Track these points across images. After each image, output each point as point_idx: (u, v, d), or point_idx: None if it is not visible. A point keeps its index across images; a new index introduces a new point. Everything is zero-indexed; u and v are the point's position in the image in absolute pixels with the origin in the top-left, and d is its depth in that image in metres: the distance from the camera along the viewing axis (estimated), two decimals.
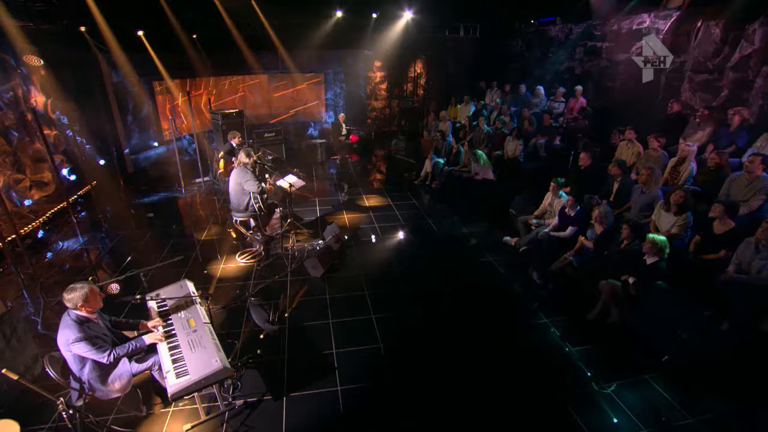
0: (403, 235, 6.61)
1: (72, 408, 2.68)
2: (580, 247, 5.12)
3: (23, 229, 6.02)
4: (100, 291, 2.97)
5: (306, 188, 8.38)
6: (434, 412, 3.41)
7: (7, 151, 6.20)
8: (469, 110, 9.94)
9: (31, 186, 6.56)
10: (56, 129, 7.30)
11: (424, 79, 13.39)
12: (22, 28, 6.58)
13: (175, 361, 2.99)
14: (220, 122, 7.94)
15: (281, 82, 11.67)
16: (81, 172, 7.80)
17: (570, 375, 3.82)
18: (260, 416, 3.34)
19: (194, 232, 6.52)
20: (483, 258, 5.89)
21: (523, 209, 6.34)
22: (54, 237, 6.26)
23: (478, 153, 7.59)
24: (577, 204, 5.21)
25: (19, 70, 6.81)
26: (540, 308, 4.72)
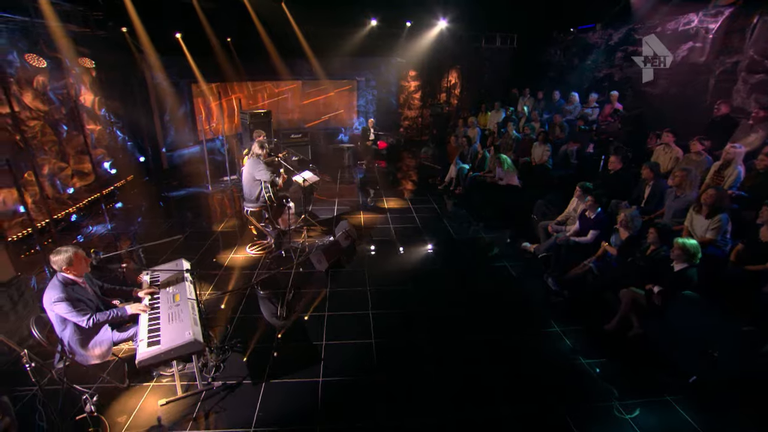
0: (417, 237, 6.40)
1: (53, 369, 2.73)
2: (603, 254, 4.67)
3: (58, 214, 6.46)
4: (86, 256, 3.04)
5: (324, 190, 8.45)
6: (415, 414, 3.15)
7: (54, 141, 6.74)
8: (499, 117, 9.65)
9: (73, 175, 7.07)
10: (101, 125, 7.87)
11: (459, 89, 13.28)
12: (79, 34, 7.25)
13: (150, 331, 2.99)
14: (248, 122, 8.23)
15: (314, 88, 11.97)
16: (121, 166, 8.34)
17: (578, 388, 3.42)
18: (235, 399, 3.25)
19: (212, 224, 6.69)
20: (497, 263, 5.55)
21: (545, 215, 5.95)
22: (86, 222, 6.66)
23: (502, 157, 7.29)
24: (597, 205, 4.79)
25: (73, 70, 7.46)
26: (553, 315, 4.33)
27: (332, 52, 10.89)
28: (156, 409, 3.14)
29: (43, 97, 6.57)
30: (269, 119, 8.74)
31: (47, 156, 6.56)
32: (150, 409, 3.14)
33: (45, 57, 6.63)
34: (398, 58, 12.18)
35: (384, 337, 4.00)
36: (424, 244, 6.13)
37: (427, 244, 6.13)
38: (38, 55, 6.54)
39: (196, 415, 3.09)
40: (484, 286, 5.03)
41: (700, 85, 6.98)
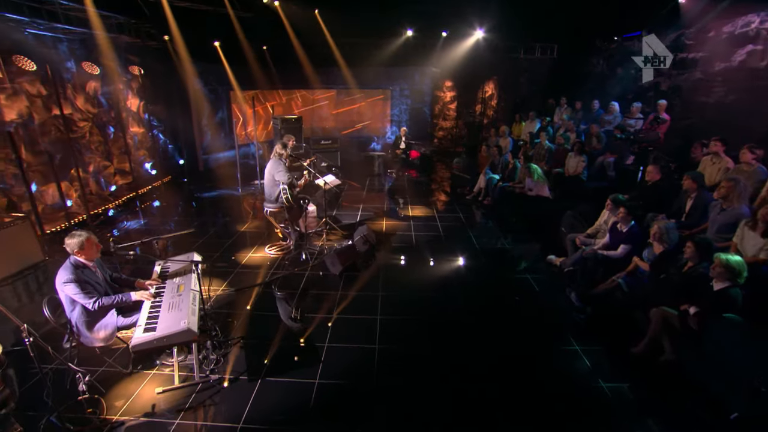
0: (437, 246, 6.21)
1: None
2: (634, 269, 4.28)
3: (98, 209, 6.90)
4: (97, 242, 3.17)
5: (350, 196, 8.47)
6: (410, 427, 2.97)
7: (100, 142, 7.26)
8: (534, 127, 9.30)
9: (115, 173, 7.56)
10: (144, 128, 8.40)
11: (495, 100, 13.01)
12: (131, 44, 7.84)
13: (150, 318, 3.04)
14: (279, 126, 8.47)
15: (349, 97, 12.17)
16: (161, 167, 8.82)
17: (594, 414, 3.09)
18: (229, 394, 3.22)
19: (237, 224, 6.87)
20: (519, 275, 5.24)
21: (574, 227, 5.58)
22: (121, 217, 7.05)
23: (532, 167, 6.97)
24: (630, 218, 4.40)
25: (124, 78, 8.05)
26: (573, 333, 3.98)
27: (366, 62, 11.04)
28: (153, 396, 3.17)
29: (93, 101, 7.11)
30: (300, 125, 8.95)
31: (93, 155, 7.06)
32: (147, 396, 3.18)
33: (99, 64, 7.20)
34: (433, 68, 12.15)
35: (388, 344, 3.85)
36: (443, 253, 5.93)
37: (447, 253, 5.92)
38: (93, 62, 7.11)
39: (189, 406, 3.09)
40: (502, 299, 4.75)
41: (760, 92, 6.35)
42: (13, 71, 5.84)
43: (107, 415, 2.99)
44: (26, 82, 6.01)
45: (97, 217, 6.74)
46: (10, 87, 5.83)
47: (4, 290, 3.63)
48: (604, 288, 4.37)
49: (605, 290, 4.35)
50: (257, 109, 10.96)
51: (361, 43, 10.71)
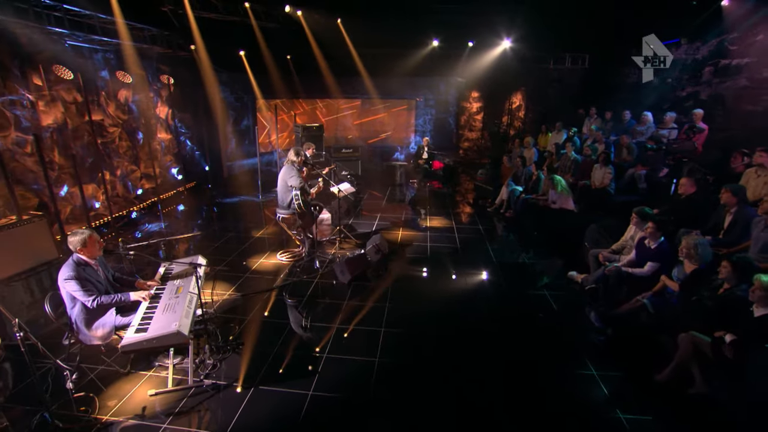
0: (452, 258, 5.99)
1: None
2: (661, 289, 3.92)
3: (122, 211, 7.15)
4: (99, 240, 3.21)
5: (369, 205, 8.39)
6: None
7: (129, 147, 7.56)
8: (560, 138, 8.93)
9: (142, 177, 7.83)
10: (172, 134, 8.70)
11: (523, 111, 12.70)
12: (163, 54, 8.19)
13: (144, 318, 3.03)
14: (300, 134, 8.56)
15: (373, 107, 12.20)
16: (187, 173, 9.09)
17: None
18: (221, 400, 3.14)
19: (252, 230, 6.92)
20: (536, 291, 4.94)
21: (598, 242, 5.23)
22: (143, 220, 7.27)
23: (556, 178, 6.64)
24: (660, 234, 4.05)
25: (154, 85, 8.40)
26: (591, 355, 3.66)
27: (390, 72, 11.05)
28: (145, 398, 3.14)
29: (124, 108, 7.43)
30: (321, 133, 9.01)
31: (121, 159, 7.35)
32: (139, 398, 3.15)
33: (131, 74, 7.54)
34: (458, 78, 12.02)
35: (390, 357, 3.68)
36: (458, 265, 5.70)
37: (461, 266, 5.69)
38: (126, 72, 7.46)
39: (179, 411, 3.03)
40: (515, 316, 4.47)
41: None
42: (51, 79, 6.19)
43: (98, 414, 2.98)
44: (63, 90, 6.36)
45: (120, 219, 6.97)
46: (48, 94, 6.18)
47: (17, 285, 3.75)
48: (628, 308, 4.02)
49: (629, 311, 4.01)
50: (282, 118, 11.18)
51: (385, 54, 10.74)
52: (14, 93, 5.73)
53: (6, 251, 3.68)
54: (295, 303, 4.62)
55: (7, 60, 5.62)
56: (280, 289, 4.93)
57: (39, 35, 5.93)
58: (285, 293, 4.76)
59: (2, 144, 5.48)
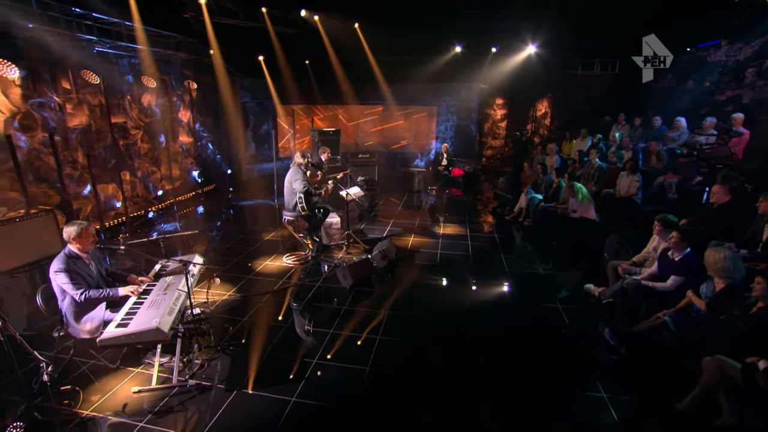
0: (462, 266, 5.74)
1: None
2: (686, 306, 3.54)
3: (140, 211, 7.36)
4: (94, 234, 3.23)
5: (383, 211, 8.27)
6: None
7: (150, 149, 7.80)
8: (585, 145, 8.50)
9: (162, 178, 8.05)
10: (193, 138, 8.93)
11: (549, 118, 12.27)
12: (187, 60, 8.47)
13: (128, 313, 3.00)
14: (317, 139, 8.58)
15: (394, 113, 12.12)
16: (207, 175, 9.29)
17: None
18: (200, 401, 3.06)
19: (263, 232, 6.92)
20: (548, 303, 4.61)
21: (618, 253, 4.85)
22: (159, 220, 7.44)
23: (576, 186, 6.28)
24: (685, 244, 3.68)
25: (177, 90, 8.68)
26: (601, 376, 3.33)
27: (411, 78, 10.95)
28: (128, 395, 3.10)
29: (147, 111, 7.69)
30: (338, 137, 9.00)
31: (142, 161, 7.58)
32: (123, 394, 3.12)
33: (155, 78, 7.81)
34: (481, 84, 11.76)
35: (382, 367, 3.49)
36: (466, 274, 5.45)
37: (470, 275, 5.43)
38: (150, 77, 7.74)
39: (158, 410, 2.96)
40: (521, 328, 4.18)
41: None
42: (78, 83, 6.48)
43: (80, 408, 2.96)
44: (89, 94, 6.64)
45: (138, 219, 7.16)
46: (75, 97, 6.47)
47: (21, 277, 3.85)
48: (647, 326, 3.65)
49: (648, 329, 3.64)
50: (305, 122, 11.29)
51: (407, 61, 10.67)
52: (43, 96, 6.03)
53: (12, 243, 3.79)
54: (295, 306, 4.52)
55: (38, 65, 5.92)
56: (281, 292, 4.85)
57: (69, 42, 6.22)
58: (291, 297, 4.67)
59: (29, 143, 5.75)
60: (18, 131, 5.64)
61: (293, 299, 4.68)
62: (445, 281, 5.26)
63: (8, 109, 5.56)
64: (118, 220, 6.86)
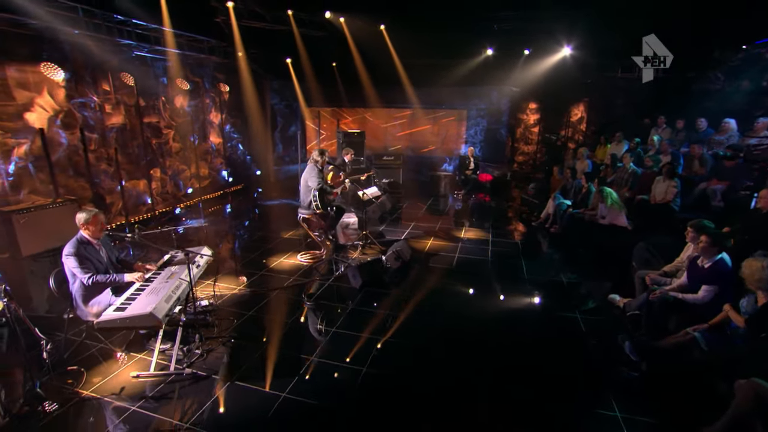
0: (479, 270, 5.52)
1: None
2: (722, 322, 3.17)
3: (168, 207, 7.67)
4: (103, 222, 3.35)
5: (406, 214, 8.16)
6: None
7: (181, 148, 8.13)
8: (621, 150, 7.98)
9: (191, 177, 8.36)
10: (223, 138, 9.24)
11: (585, 123, 11.72)
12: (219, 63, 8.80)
13: (128, 299, 3.07)
14: (341, 140, 8.62)
15: (423, 117, 12.01)
16: (238, 176, 9.57)
17: None
18: (195, 390, 3.07)
19: (282, 231, 7.00)
20: (566, 313, 4.30)
21: (648, 262, 4.46)
22: (185, 216, 7.71)
23: (605, 191, 5.89)
24: (715, 250, 3.30)
25: (210, 92, 9.03)
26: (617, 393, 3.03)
27: (440, 82, 10.80)
28: (127, 379, 3.17)
29: (180, 112, 8.04)
30: (362, 139, 9.01)
31: (173, 159, 7.92)
32: (123, 378, 3.19)
33: (189, 81, 8.17)
34: (512, 88, 11.42)
35: (378, 368, 3.37)
36: (481, 279, 5.22)
37: (485, 280, 5.21)
38: (184, 79, 8.09)
39: (152, 395, 3.00)
40: (534, 337, 3.91)
41: None
42: (116, 85, 6.88)
43: (81, 388, 3.05)
44: (126, 94, 7.03)
45: (165, 214, 7.46)
46: (113, 98, 6.87)
47: (45, 261, 4.06)
48: (674, 342, 3.31)
49: (675, 345, 3.29)
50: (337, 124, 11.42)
51: (436, 63, 10.56)
52: (84, 96, 6.44)
53: (38, 229, 4.01)
54: (303, 304, 4.50)
55: (81, 68, 6.33)
56: (290, 288, 4.85)
57: (110, 46, 6.62)
58: (305, 296, 4.65)
59: (69, 140, 6.14)
60: (60, 129, 6.05)
61: (301, 296, 4.65)
62: (458, 285, 5.05)
63: (53, 108, 5.98)
64: (148, 215, 7.17)
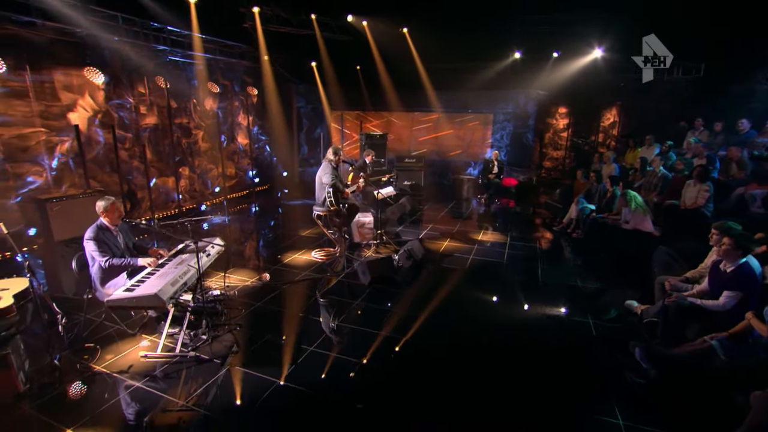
0: (492, 272, 5.41)
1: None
2: (744, 330, 2.94)
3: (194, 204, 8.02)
4: (120, 210, 3.57)
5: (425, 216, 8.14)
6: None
7: (210, 148, 8.51)
8: (651, 153, 7.60)
9: (219, 176, 8.72)
10: (251, 140, 9.58)
11: (618, 128, 11.26)
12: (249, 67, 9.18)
13: (139, 281, 3.24)
14: (364, 142, 8.73)
15: (449, 121, 11.94)
16: (264, 176, 9.89)
17: None
18: (195, 372, 3.19)
19: (300, 229, 7.15)
20: (579, 317, 4.13)
21: (669, 268, 4.21)
22: (210, 213, 8.04)
23: (630, 194, 5.63)
24: (739, 252, 3.08)
25: (240, 95, 9.40)
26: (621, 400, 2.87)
27: (466, 86, 10.74)
28: (136, 358, 3.33)
29: (209, 113, 8.42)
30: (384, 141, 9.07)
31: (202, 159, 8.29)
32: (132, 357, 3.36)
33: (219, 84, 8.56)
34: (539, 91, 11.16)
35: (376, 363, 3.37)
36: (493, 281, 5.11)
37: (497, 282, 5.09)
38: (215, 82, 8.49)
39: (156, 373, 3.14)
40: (541, 341, 3.77)
41: None
42: (151, 87, 7.31)
43: (95, 364, 3.24)
44: (159, 97, 7.45)
45: (192, 211, 7.81)
46: (148, 100, 7.31)
47: (74, 247, 4.35)
48: (690, 350, 3.10)
49: (691, 353, 3.08)
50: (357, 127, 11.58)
51: (460, 67, 10.51)
52: (121, 98, 6.89)
53: (69, 217, 4.32)
54: (312, 298, 4.57)
55: (118, 71, 6.79)
56: (301, 283, 4.94)
57: (146, 52, 7.06)
58: (318, 293, 4.71)
59: (106, 138, 6.58)
60: (98, 128, 6.50)
61: (310, 291, 4.73)
62: (467, 286, 4.98)
63: (93, 108, 6.44)
64: (175, 210, 7.54)
